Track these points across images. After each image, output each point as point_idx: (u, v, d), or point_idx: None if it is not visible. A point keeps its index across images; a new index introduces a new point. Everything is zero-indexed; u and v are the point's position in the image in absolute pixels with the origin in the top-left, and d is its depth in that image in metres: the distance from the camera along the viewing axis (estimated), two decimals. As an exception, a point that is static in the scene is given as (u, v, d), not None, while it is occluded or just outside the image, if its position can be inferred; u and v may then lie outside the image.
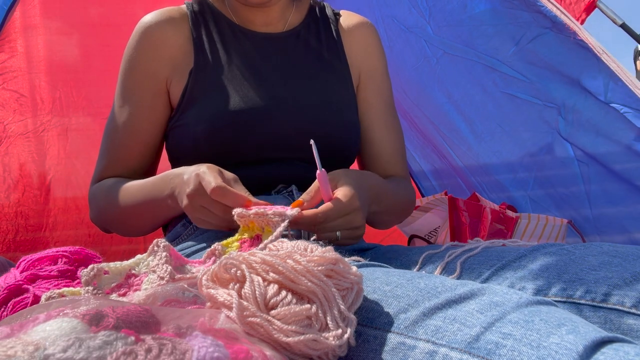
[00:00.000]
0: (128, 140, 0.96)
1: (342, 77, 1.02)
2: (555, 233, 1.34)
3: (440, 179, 1.73)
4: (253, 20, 1.01)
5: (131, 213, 0.91)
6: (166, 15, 0.97)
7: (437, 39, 1.44)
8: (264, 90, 0.94)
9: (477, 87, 1.44)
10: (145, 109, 0.96)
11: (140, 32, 0.96)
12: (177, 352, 0.37)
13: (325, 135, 0.92)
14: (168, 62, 0.96)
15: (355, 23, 1.07)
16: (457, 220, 1.43)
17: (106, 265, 0.59)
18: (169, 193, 0.83)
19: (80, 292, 0.56)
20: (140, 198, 0.89)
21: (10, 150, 1.47)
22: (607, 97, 1.15)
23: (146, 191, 0.88)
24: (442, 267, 0.73)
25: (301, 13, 1.05)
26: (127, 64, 0.97)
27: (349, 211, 0.75)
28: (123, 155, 0.97)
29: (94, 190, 0.98)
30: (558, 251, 0.65)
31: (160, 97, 0.96)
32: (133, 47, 0.97)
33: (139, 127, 0.96)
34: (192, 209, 0.77)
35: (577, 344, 0.42)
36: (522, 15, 1.23)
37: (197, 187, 0.75)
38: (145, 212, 0.90)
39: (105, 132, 0.99)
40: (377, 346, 0.50)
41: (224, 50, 0.97)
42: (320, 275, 0.48)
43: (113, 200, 0.92)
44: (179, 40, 0.96)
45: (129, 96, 0.96)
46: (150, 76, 0.96)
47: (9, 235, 1.46)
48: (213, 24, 0.99)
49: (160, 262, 0.59)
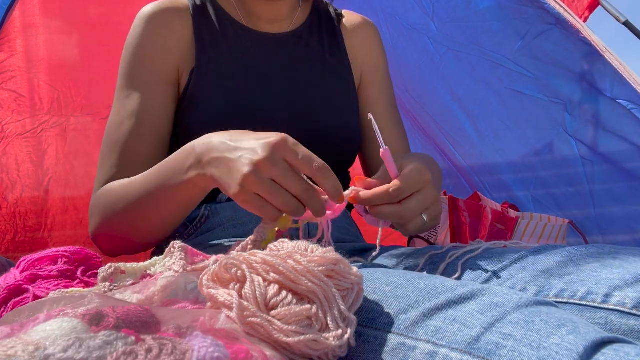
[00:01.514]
0: (139, 129, 0.86)
1: (344, 79, 1.02)
2: (555, 233, 1.33)
3: (443, 178, 1.73)
4: (260, 16, 0.99)
5: (142, 208, 0.77)
6: (171, 5, 0.95)
7: (441, 35, 1.44)
8: (265, 90, 0.93)
9: (481, 83, 1.43)
10: (158, 95, 0.89)
11: (146, 20, 0.92)
12: (177, 352, 0.37)
13: (325, 137, 0.92)
14: (177, 52, 0.92)
15: (358, 22, 1.08)
16: (457, 220, 1.42)
17: (123, 265, 0.59)
18: (192, 164, 0.66)
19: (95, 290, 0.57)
20: (152, 185, 0.74)
21: (9, 151, 1.46)
22: (614, 93, 1.15)
23: (157, 174, 0.74)
24: (443, 268, 0.73)
25: (305, 12, 1.05)
26: (134, 53, 0.91)
27: (421, 185, 0.67)
28: (133, 147, 0.86)
29: (96, 197, 0.86)
30: (559, 252, 0.65)
31: (172, 86, 0.92)
32: (139, 35, 0.92)
33: (151, 112, 0.88)
34: (257, 181, 0.59)
35: (577, 344, 0.42)
36: (527, 10, 1.23)
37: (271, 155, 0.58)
38: (159, 203, 0.75)
39: (108, 131, 0.90)
40: (377, 347, 0.50)
41: (226, 48, 0.95)
42: (320, 276, 0.48)
43: (119, 200, 0.80)
44: (184, 32, 0.94)
45: (139, 84, 0.89)
46: (161, 63, 0.91)
47: (7, 236, 1.45)
48: (215, 21, 0.97)
49: (176, 261, 0.60)
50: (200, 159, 0.66)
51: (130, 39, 0.93)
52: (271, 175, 0.58)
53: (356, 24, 1.08)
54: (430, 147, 1.70)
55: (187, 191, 0.71)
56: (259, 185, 0.58)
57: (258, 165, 0.58)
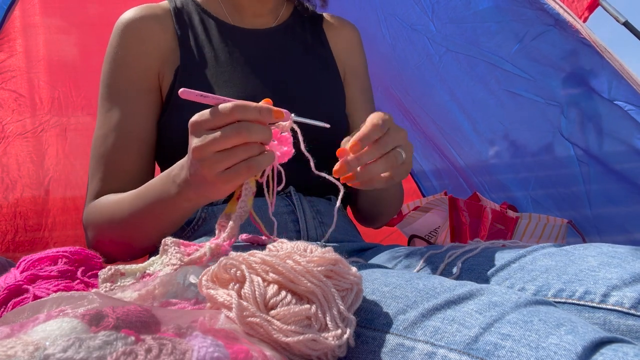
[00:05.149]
0: (124, 141, 0.88)
1: (333, 71, 1.04)
2: (555, 233, 1.34)
3: (442, 179, 1.73)
4: (246, 10, 1.00)
5: (135, 222, 0.80)
6: (149, 11, 0.94)
7: (440, 36, 1.44)
8: (253, 87, 0.93)
9: (479, 84, 1.44)
10: (140, 105, 0.90)
11: (123, 28, 0.92)
12: (177, 352, 0.38)
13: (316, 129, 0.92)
14: (157, 57, 0.92)
15: (340, 23, 1.11)
16: (457, 220, 1.42)
17: (122, 267, 0.60)
18: (173, 179, 0.71)
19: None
20: (143, 202, 0.78)
21: (9, 151, 1.46)
22: (611, 94, 1.16)
23: (148, 192, 0.78)
24: (442, 268, 0.73)
25: (289, 11, 1.07)
26: (113, 63, 0.91)
27: (387, 117, 0.68)
28: (120, 159, 0.88)
29: (89, 211, 0.88)
30: (557, 252, 0.65)
31: (154, 93, 0.92)
32: (117, 44, 0.91)
33: (134, 124, 0.89)
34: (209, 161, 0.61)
35: (576, 344, 0.42)
36: (525, 12, 1.23)
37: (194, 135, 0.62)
38: (151, 216, 0.79)
39: (94, 144, 0.90)
40: (375, 347, 0.50)
41: (210, 47, 0.95)
42: (319, 276, 0.48)
43: (112, 215, 0.82)
44: (164, 36, 0.93)
45: (120, 96, 0.90)
46: (141, 72, 0.91)
47: (7, 236, 1.45)
48: (198, 20, 0.97)
49: (172, 256, 0.60)
50: (175, 177, 0.70)
51: (109, 49, 0.93)
52: (210, 149, 0.61)
53: (338, 23, 1.11)
54: (429, 148, 1.70)
55: (173, 204, 0.73)
56: (214, 162, 0.61)
57: (195, 152, 0.62)
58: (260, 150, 0.62)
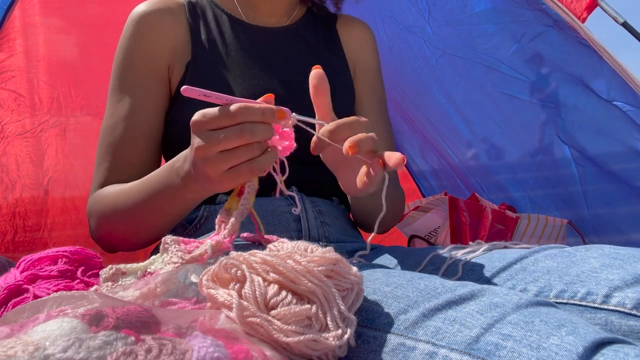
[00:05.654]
0: (132, 133, 0.89)
1: (344, 70, 1.04)
2: (555, 233, 1.34)
3: (440, 179, 1.73)
4: (259, 8, 1.00)
5: (138, 212, 0.80)
6: (163, 4, 0.95)
7: (436, 38, 1.44)
8: (263, 84, 0.93)
9: (475, 87, 1.44)
10: (150, 98, 0.90)
11: (137, 20, 0.93)
12: (177, 352, 0.37)
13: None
14: (169, 51, 0.93)
15: (354, 23, 1.11)
16: (458, 220, 1.42)
17: (123, 266, 0.60)
18: (177, 171, 0.71)
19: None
20: (147, 193, 0.78)
21: (8, 151, 1.46)
22: (610, 95, 1.16)
23: (151, 183, 0.78)
24: (444, 269, 0.73)
25: (302, 11, 1.07)
26: (125, 54, 0.92)
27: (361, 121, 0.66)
28: (127, 151, 0.89)
29: (93, 200, 0.88)
30: (559, 253, 0.65)
31: (164, 87, 0.93)
32: (130, 36, 0.92)
33: (143, 117, 0.90)
34: (213, 160, 0.61)
35: (577, 345, 0.42)
36: (524, 13, 1.23)
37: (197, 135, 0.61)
38: (155, 207, 0.78)
39: (103, 133, 0.91)
40: (376, 347, 0.50)
41: (223, 43, 0.96)
42: (320, 276, 0.48)
43: (116, 205, 0.83)
44: (177, 30, 0.94)
45: (130, 87, 0.91)
46: (152, 64, 0.92)
47: (7, 236, 1.45)
48: (211, 16, 0.98)
49: (173, 254, 0.60)
50: (179, 170, 0.70)
51: (122, 40, 0.94)
52: (213, 149, 0.60)
53: (352, 24, 1.11)
54: (427, 149, 1.70)
55: (177, 196, 0.73)
56: (217, 161, 0.61)
57: (198, 151, 0.61)
58: (262, 149, 0.62)
